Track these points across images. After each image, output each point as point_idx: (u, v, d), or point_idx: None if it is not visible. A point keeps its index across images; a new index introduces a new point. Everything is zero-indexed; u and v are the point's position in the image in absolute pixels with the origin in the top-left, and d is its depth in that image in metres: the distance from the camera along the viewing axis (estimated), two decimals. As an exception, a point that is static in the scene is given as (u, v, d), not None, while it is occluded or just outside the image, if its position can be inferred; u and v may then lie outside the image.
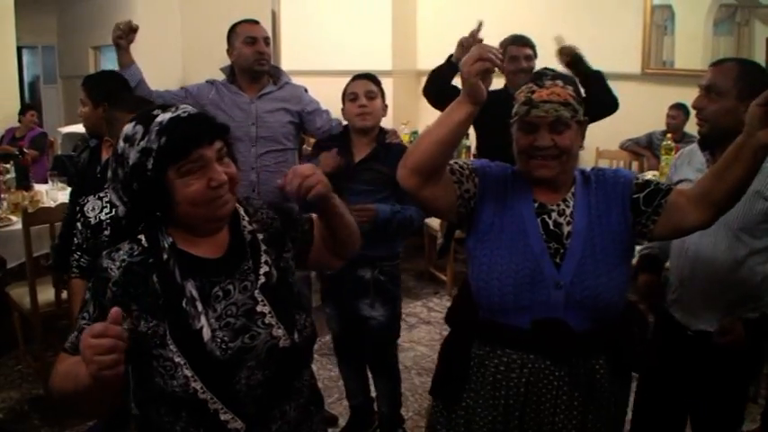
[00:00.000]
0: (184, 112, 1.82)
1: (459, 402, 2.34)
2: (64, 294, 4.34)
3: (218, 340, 1.79)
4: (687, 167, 2.92)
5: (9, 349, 4.94)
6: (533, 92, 2.20)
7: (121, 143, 1.81)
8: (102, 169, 3.47)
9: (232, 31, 4.06)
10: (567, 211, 2.27)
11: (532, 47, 4.43)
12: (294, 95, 4.19)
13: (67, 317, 4.39)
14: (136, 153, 1.77)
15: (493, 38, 4.17)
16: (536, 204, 2.28)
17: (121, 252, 1.83)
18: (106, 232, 2.84)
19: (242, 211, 1.99)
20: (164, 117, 1.78)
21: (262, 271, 1.92)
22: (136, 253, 1.83)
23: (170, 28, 4.56)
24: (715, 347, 2.74)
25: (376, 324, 3.65)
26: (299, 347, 1.92)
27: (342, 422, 4.11)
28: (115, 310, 1.56)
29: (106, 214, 2.85)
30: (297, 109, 4.16)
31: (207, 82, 4.12)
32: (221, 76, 4.18)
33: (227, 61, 4.15)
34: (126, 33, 3.83)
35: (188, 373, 1.76)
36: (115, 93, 3.51)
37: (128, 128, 1.81)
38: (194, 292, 1.80)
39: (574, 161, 2.28)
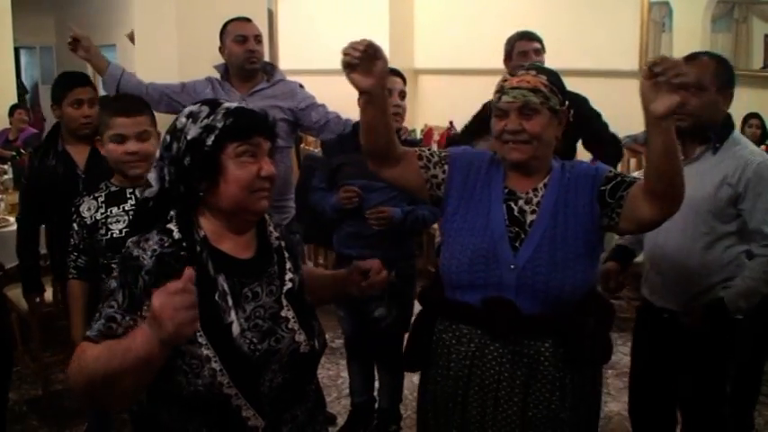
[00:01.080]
0: (249, 106, 1.93)
1: (420, 372, 2.54)
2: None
3: (247, 340, 1.81)
4: None
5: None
6: (506, 80, 2.35)
7: (183, 119, 1.87)
8: (84, 169, 3.51)
9: (224, 29, 4.05)
10: (535, 200, 2.35)
11: (540, 41, 4.27)
12: (287, 92, 4.16)
13: (65, 317, 4.40)
14: (197, 129, 1.83)
15: (490, 36, 4.19)
16: (506, 191, 2.38)
17: (151, 242, 1.81)
18: (101, 231, 2.84)
19: (268, 218, 2.04)
20: (231, 105, 1.89)
21: (287, 277, 1.96)
22: (167, 244, 1.81)
23: (166, 27, 4.53)
24: (676, 328, 2.92)
25: (386, 325, 3.65)
26: (317, 353, 1.96)
27: (340, 421, 4.11)
28: (189, 271, 1.54)
29: (102, 214, 2.86)
30: (290, 106, 4.11)
31: (206, 79, 4.11)
32: (217, 74, 4.17)
33: (222, 60, 4.14)
34: (75, 45, 3.83)
35: (216, 366, 1.75)
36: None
37: (192, 107, 1.89)
38: (226, 287, 1.82)
39: (546, 148, 2.35)
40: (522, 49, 4.20)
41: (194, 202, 1.87)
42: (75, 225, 2.91)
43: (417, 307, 4.96)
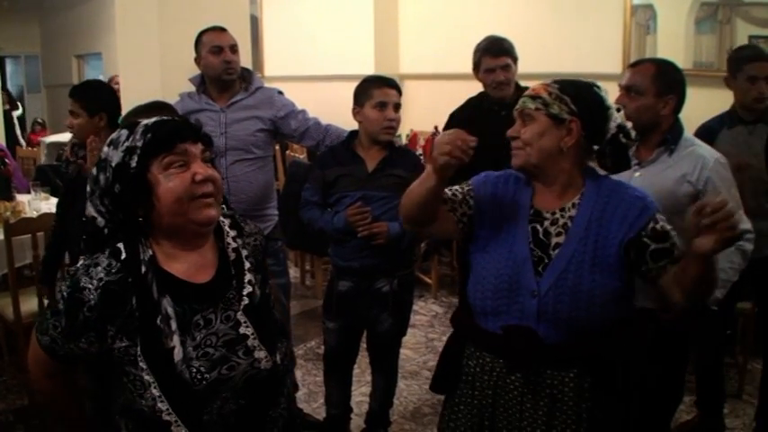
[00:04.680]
0: (169, 117, 1.86)
1: (453, 398, 2.39)
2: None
3: (194, 370, 1.76)
4: None
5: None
6: None
7: (105, 148, 1.82)
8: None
9: (198, 39, 4.01)
10: (561, 221, 2.23)
11: (510, 53, 4.06)
12: (266, 100, 4.10)
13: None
14: (120, 153, 1.77)
15: (474, 41, 4.16)
16: (532, 211, 2.27)
17: (99, 268, 1.76)
18: None
19: (227, 226, 1.97)
20: (149, 120, 1.81)
21: (245, 291, 1.90)
22: (114, 270, 1.77)
23: (149, 35, 4.53)
24: (653, 324, 2.93)
25: (385, 331, 3.63)
26: (279, 371, 1.91)
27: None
28: None
29: None
30: (268, 115, 4.07)
31: (179, 99, 4.07)
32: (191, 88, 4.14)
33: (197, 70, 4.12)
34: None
35: (156, 392, 1.74)
36: (110, 102, 3.63)
37: (113, 134, 1.83)
38: (170, 310, 1.76)
39: (548, 158, 2.22)
40: (489, 66, 4.05)
41: (138, 226, 1.81)
42: None
43: (414, 314, 5.02)
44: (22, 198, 5.68)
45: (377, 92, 3.43)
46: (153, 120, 1.82)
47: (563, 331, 2.15)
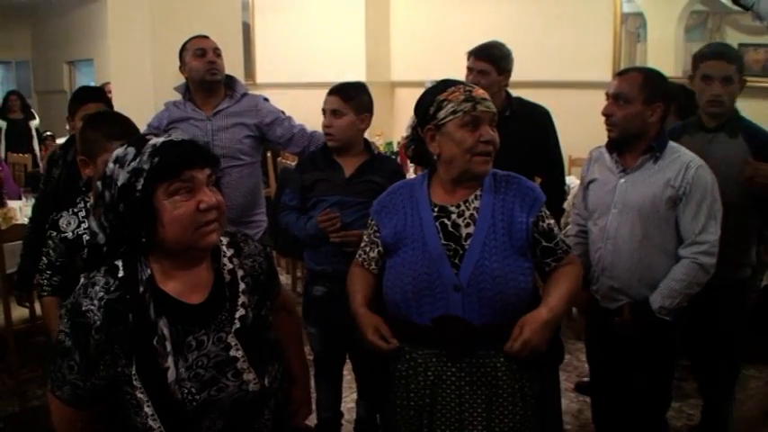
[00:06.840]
0: (177, 137, 1.83)
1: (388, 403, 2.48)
2: (38, 311, 4.33)
3: (185, 390, 1.77)
4: (597, 168, 3.18)
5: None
6: (470, 90, 2.33)
7: (111, 165, 1.81)
8: (85, 182, 3.49)
9: (182, 49, 4.04)
10: (467, 213, 2.34)
11: (492, 60, 3.86)
12: (250, 107, 4.13)
13: (42, 333, 4.37)
14: (126, 174, 1.76)
15: (464, 49, 4.16)
16: (436, 208, 2.38)
17: (97, 288, 1.78)
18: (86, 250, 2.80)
19: (224, 247, 1.98)
20: (157, 140, 1.80)
21: (237, 314, 1.90)
22: (113, 288, 1.78)
23: (141, 42, 4.53)
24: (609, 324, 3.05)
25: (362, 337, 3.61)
26: (267, 393, 1.93)
27: (319, 433, 4.10)
28: None
29: (84, 229, 2.76)
30: (254, 122, 4.10)
31: (165, 109, 4.08)
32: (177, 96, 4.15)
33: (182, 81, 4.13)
34: None
35: (149, 411, 1.75)
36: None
37: (119, 150, 1.82)
38: (166, 331, 1.78)
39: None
40: (469, 65, 3.92)
41: (139, 244, 1.82)
42: (51, 242, 2.81)
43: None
44: (13, 204, 5.66)
45: (325, 98, 3.49)
46: (161, 140, 1.80)
47: (488, 316, 2.27)
